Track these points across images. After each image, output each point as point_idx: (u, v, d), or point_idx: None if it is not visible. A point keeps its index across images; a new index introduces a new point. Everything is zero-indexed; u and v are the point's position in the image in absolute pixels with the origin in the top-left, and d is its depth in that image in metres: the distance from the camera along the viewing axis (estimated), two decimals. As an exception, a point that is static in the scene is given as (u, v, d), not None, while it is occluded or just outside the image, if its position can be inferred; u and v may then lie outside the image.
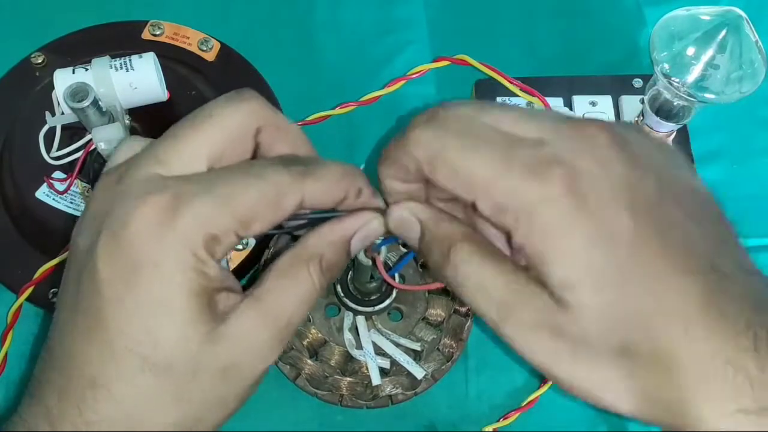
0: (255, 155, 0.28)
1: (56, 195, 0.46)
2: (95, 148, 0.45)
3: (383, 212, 0.29)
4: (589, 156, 0.24)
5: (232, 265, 0.47)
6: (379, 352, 0.46)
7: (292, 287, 0.26)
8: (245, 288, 0.27)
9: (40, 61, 0.52)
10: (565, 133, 0.25)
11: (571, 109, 0.52)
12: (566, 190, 0.23)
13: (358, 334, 0.46)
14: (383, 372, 0.45)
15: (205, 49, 0.53)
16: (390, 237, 0.30)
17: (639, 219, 0.23)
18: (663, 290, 0.23)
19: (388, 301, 0.46)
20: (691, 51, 0.43)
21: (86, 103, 0.41)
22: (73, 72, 0.45)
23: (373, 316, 0.47)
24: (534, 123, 0.25)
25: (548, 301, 0.24)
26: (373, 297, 0.46)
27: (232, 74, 0.53)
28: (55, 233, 0.45)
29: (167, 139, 0.26)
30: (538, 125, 0.25)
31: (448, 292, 0.47)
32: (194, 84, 0.50)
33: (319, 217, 0.28)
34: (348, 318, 0.46)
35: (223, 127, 0.26)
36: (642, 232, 0.23)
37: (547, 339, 0.24)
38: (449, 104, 0.26)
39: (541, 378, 0.48)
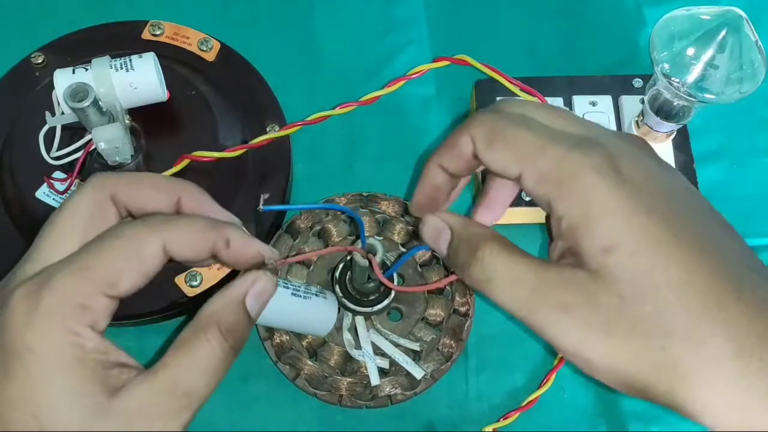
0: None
1: (56, 195, 0.46)
2: (95, 148, 0.45)
3: (264, 265, 0.30)
4: (629, 149, 0.27)
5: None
6: (379, 352, 0.46)
7: (188, 357, 0.26)
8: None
9: (40, 61, 0.52)
10: (610, 134, 0.28)
11: (571, 108, 0.52)
12: (607, 162, 0.26)
13: (357, 335, 0.46)
14: (382, 372, 0.45)
15: (205, 49, 0.53)
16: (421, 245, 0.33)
17: (673, 206, 0.26)
18: (694, 269, 0.24)
19: (386, 302, 0.46)
20: (691, 51, 0.43)
21: (86, 103, 0.41)
22: (73, 72, 0.45)
23: (372, 317, 0.47)
24: (582, 123, 0.29)
25: (583, 276, 0.25)
26: (372, 297, 0.46)
27: (232, 74, 0.53)
28: (55, 233, 0.45)
29: (34, 244, 0.28)
30: (586, 125, 0.29)
31: (447, 293, 0.48)
32: (194, 84, 0.50)
33: None
34: (347, 318, 0.46)
35: (76, 209, 0.28)
36: (676, 217, 0.25)
37: (581, 315, 0.25)
38: (509, 98, 0.29)
39: (541, 378, 0.48)
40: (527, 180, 0.27)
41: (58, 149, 0.46)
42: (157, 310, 0.47)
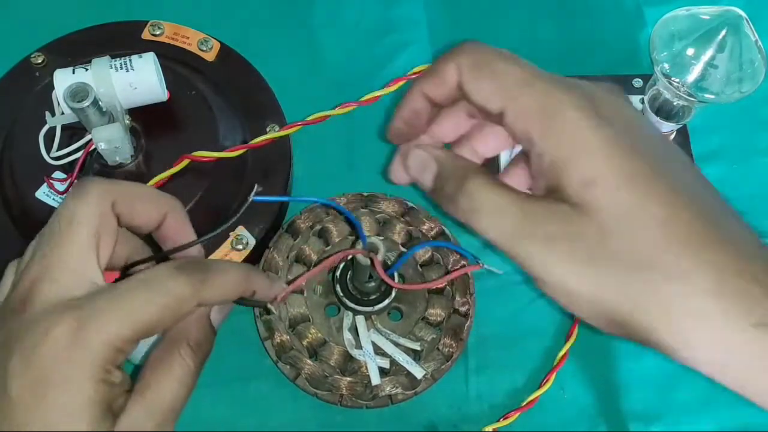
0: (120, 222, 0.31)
1: (56, 195, 0.46)
2: (95, 148, 0.45)
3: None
4: (607, 95, 0.28)
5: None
6: (379, 351, 0.46)
7: (167, 374, 0.29)
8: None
9: (40, 61, 0.52)
10: (589, 81, 0.29)
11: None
12: (589, 103, 0.26)
13: (357, 334, 0.46)
14: (383, 372, 0.45)
15: (205, 49, 0.53)
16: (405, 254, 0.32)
17: (652, 149, 0.26)
18: (674, 206, 0.25)
19: (387, 301, 0.46)
20: (691, 51, 0.43)
21: (86, 103, 0.41)
22: (73, 72, 0.45)
23: (373, 316, 0.47)
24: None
25: (566, 210, 0.26)
26: (373, 297, 0.46)
27: (232, 74, 0.53)
28: (55, 233, 0.45)
29: (52, 259, 0.28)
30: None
31: (447, 292, 0.48)
32: (194, 84, 0.50)
33: None
34: (347, 318, 0.46)
35: (85, 222, 0.29)
36: (655, 160, 0.26)
37: (565, 247, 0.25)
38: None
39: (541, 378, 0.48)
40: (509, 114, 0.27)
41: (58, 149, 0.46)
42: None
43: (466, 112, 0.32)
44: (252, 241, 0.48)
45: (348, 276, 0.46)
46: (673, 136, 0.51)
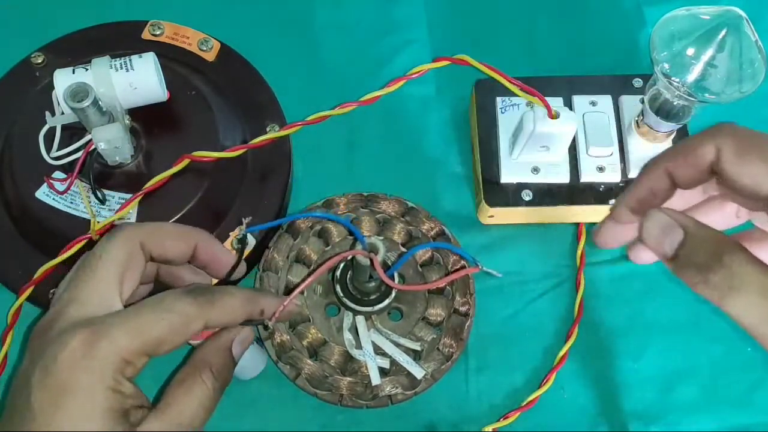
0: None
1: (56, 195, 0.46)
2: (95, 148, 0.45)
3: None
4: None
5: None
6: (379, 351, 0.46)
7: (189, 395, 0.31)
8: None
9: (40, 61, 0.52)
10: None
11: (571, 108, 0.52)
12: None
13: (357, 334, 0.46)
14: (383, 372, 0.45)
15: (205, 49, 0.53)
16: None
17: None
18: None
19: (387, 301, 0.46)
20: (691, 51, 0.43)
21: (86, 103, 0.41)
22: (73, 72, 0.45)
23: (373, 316, 0.47)
24: None
25: None
26: (373, 297, 0.46)
27: (232, 74, 0.53)
28: (55, 233, 0.45)
29: (79, 289, 0.31)
30: None
31: (447, 292, 0.48)
32: (194, 84, 0.50)
33: None
34: (348, 318, 0.46)
35: (113, 258, 0.32)
36: None
37: None
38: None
39: (541, 378, 0.48)
40: None
41: (58, 149, 0.46)
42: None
43: (703, 191, 0.31)
44: (252, 241, 0.48)
45: (348, 276, 0.46)
46: (673, 136, 0.51)
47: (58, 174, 0.46)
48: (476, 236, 0.52)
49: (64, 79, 0.44)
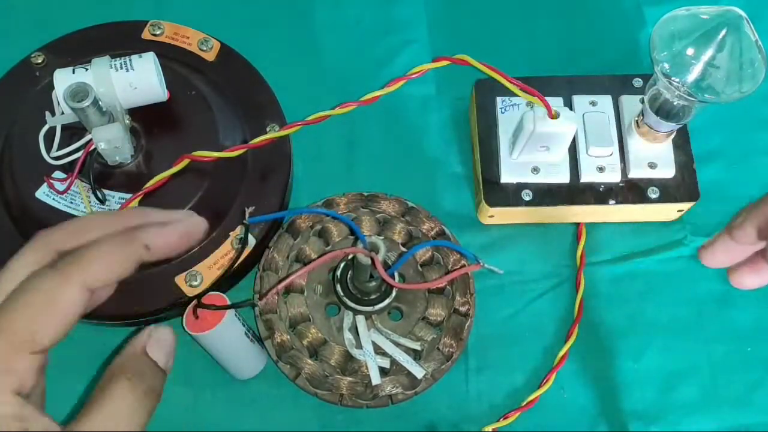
0: None
1: (56, 195, 0.46)
2: (95, 148, 0.45)
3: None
4: None
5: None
6: (379, 351, 0.46)
7: (100, 413, 0.26)
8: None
9: (40, 61, 0.52)
10: None
11: (571, 108, 0.52)
12: None
13: (358, 334, 0.46)
14: (383, 372, 0.45)
15: (205, 49, 0.53)
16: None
17: None
18: None
19: (387, 301, 0.46)
20: (691, 51, 0.43)
21: (86, 103, 0.41)
22: (73, 72, 0.45)
23: (373, 316, 0.47)
24: None
25: None
26: (373, 296, 0.46)
27: (232, 74, 0.53)
28: (55, 233, 0.45)
29: None
30: None
31: (448, 292, 0.48)
32: (194, 84, 0.50)
33: None
34: (348, 317, 0.46)
35: (13, 275, 0.27)
36: None
37: None
38: None
39: (541, 378, 0.48)
40: None
41: (58, 149, 0.46)
42: (157, 310, 0.47)
43: None
44: (252, 241, 0.48)
45: (348, 276, 0.46)
46: (673, 136, 0.51)
47: (58, 174, 0.46)
48: (476, 236, 0.52)
49: (64, 79, 0.44)
